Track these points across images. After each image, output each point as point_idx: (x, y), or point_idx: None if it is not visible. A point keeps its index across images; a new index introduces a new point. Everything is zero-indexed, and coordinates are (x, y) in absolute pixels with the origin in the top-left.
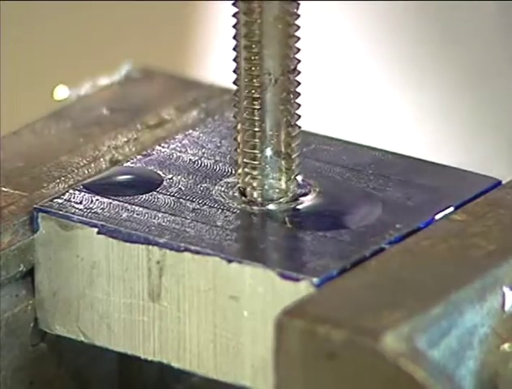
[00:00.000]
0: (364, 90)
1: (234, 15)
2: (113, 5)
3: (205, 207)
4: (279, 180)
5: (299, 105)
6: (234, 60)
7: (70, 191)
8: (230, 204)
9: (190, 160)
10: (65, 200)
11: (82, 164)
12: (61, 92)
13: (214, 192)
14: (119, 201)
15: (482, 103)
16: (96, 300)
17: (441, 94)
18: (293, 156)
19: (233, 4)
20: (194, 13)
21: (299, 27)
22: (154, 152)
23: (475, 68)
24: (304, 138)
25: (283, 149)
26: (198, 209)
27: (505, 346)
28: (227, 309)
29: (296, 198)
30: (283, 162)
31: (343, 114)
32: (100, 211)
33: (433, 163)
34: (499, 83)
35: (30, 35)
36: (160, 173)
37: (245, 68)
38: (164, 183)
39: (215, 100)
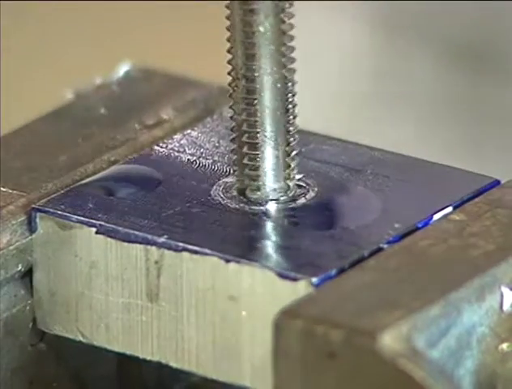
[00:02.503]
0: (363, 89)
1: (230, 16)
2: (113, 5)
3: (203, 206)
4: (279, 180)
5: (296, 105)
6: (230, 61)
7: (69, 191)
8: (228, 204)
9: (189, 159)
10: (63, 200)
11: (80, 163)
12: (61, 92)
13: (212, 192)
14: (117, 201)
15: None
16: (94, 300)
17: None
18: (292, 156)
19: (229, 5)
20: (194, 13)
21: (293, 26)
22: (152, 152)
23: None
24: (303, 138)
25: (282, 149)
26: (196, 209)
27: (504, 346)
28: (225, 309)
29: (294, 198)
30: (282, 162)
31: (343, 115)
32: (98, 210)
33: (432, 162)
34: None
35: (30, 35)
36: (159, 172)
37: (243, 69)
38: (163, 183)
39: (213, 99)
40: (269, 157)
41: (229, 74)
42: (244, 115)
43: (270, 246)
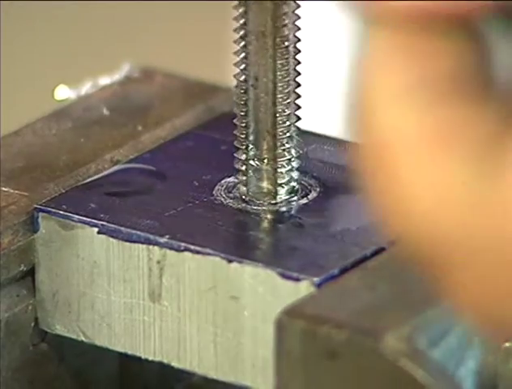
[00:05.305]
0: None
1: (236, 16)
2: (113, 5)
3: (205, 206)
4: (281, 181)
5: (300, 107)
6: (236, 63)
7: (71, 191)
8: (230, 204)
9: (190, 160)
10: (65, 200)
11: (82, 163)
12: (62, 92)
13: (214, 192)
14: (119, 201)
15: None
16: (96, 300)
17: None
18: (295, 157)
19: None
20: (196, 13)
21: (299, 28)
22: (154, 152)
23: None
24: (304, 138)
25: (285, 150)
26: (198, 209)
27: (506, 346)
28: (227, 309)
29: (297, 199)
30: (284, 163)
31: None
32: (100, 210)
33: None
34: None
35: (30, 35)
36: (160, 172)
37: (249, 71)
38: (164, 183)
39: (215, 99)
40: (271, 158)
41: (235, 76)
42: (248, 116)
43: (272, 246)
